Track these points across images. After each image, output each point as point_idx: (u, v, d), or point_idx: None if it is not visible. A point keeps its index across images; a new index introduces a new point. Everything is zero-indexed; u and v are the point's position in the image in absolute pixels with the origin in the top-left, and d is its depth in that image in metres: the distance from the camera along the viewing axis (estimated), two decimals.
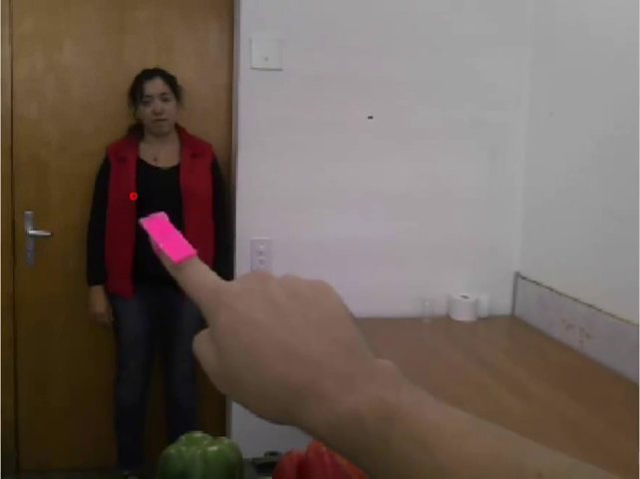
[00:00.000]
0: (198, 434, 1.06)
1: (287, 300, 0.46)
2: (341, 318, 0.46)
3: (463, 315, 3.17)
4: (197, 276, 0.50)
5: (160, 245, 0.52)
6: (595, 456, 1.76)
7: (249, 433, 3.03)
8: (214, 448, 1.02)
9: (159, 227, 0.54)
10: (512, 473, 0.37)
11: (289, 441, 1.71)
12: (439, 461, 0.38)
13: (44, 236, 3.19)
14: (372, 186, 3.16)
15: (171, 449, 1.04)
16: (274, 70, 3.03)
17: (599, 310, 2.67)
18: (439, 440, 0.39)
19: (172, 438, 1.10)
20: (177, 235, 0.53)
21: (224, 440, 1.05)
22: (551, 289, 3.00)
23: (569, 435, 1.97)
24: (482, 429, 0.40)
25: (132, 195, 2.92)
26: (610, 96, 2.67)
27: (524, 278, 3.25)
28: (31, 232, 3.19)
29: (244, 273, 0.49)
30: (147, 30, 3.20)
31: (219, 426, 3.37)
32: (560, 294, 2.93)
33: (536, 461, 0.37)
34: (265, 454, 1.36)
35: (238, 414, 3.22)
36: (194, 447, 1.02)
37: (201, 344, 0.48)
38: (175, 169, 3.01)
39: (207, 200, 3.01)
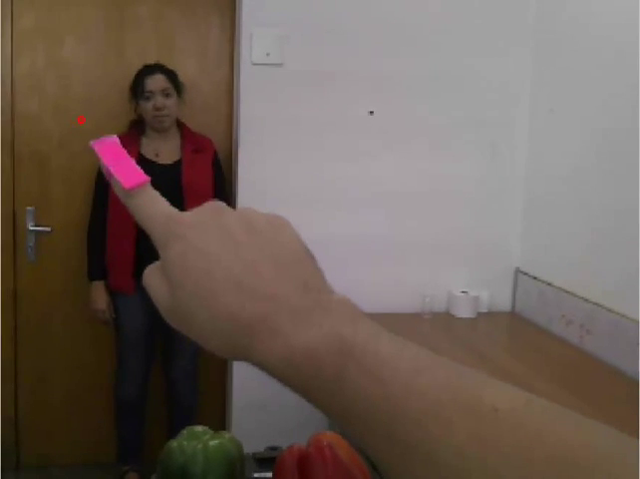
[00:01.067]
0: (200, 428, 1.07)
1: (243, 233, 0.44)
2: (297, 253, 0.45)
3: (463, 311, 3.17)
4: (149, 205, 0.48)
5: (111, 170, 0.48)
6: None
7: (249, 428, 3.05)
8: (216, 442, 1.02)
9: (110, 150, 0.50)
10: (468, 407, 0.36)
11: (289, 436, 1.72)
12: (393, 395, 0.37)
13: (45, 231, 3.20)
14: (373, 182, 3.16)
15: (173, 443, 1.04)
16: (275, 65, 3.03)
17: (599, 306, 2.67)
18: (394, 374, 0.38)
19: (173, 434, 1.11)
20: (130, 160, 0.50)
21: (225, 434, 1.05)
22: (551, 285, 3.00)
23: None
24: (439, 364, 0.39)
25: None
26: (610, 92, 2.67)
27: (524, 274, 3.25)
28: (32, 227, 3.19)
29: (200, 205, 0.47)
30: (147, 26, 3.20)
31: (219, 421, 3.38)
32: (560, 290, 2.93)
33: (493, 396, 0.37)
34: (265, 449, 1.37)
35: (238, 409, 3.23)
36: (196, 441, 1.03)
37: (152, 277, 0.46)
38: (177, 164, 3.01)
39: (209, 195, 3.02)
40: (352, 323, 0.40)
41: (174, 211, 0.47)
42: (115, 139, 0.51)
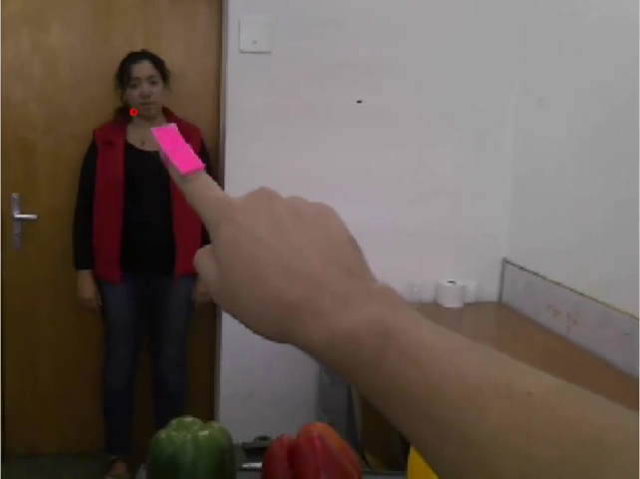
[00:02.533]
0: (189, 419, 1.06)
1: (290, 219, 0.46)
2: (342, 241, 0.47)
3: (450, 301, 3.18)
4: (203, 189, 0.50)
5: (169, 155, 0.51)
6: None
7: (236, 418, 3.05)
8: (205, 433, 1.01)
9: (169, 137, 0.53)
10: (503, 391, 0.37)
11: (276, 426, 1.72)
12: (430, 378, 0.38)
13: (30, 219, 3.17)
14: (360, 172, 3.15)
15: (162, 434, 1.03)
16: (263, 53, 3.01)
17: (586, 297, 2.68)
18: (432, 358, 0.39)
19: (160, 423, 1.10)
20: (187, 147, 0.52)
21: (215, 425, 1.05)
22: (539, 276, 3.02)
23: None
24: (475, 350, 0.40)
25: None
26: (598, 83, 2.67)
27: (512, 265, 3.26)
28: (17, 215, 3.17)
29: (251, 190, 0.49)
30: (134, 12, 3.17)
31: (207, 411, 3.38)
32: (547, 281, 2.95)
33: (527, 381, 0.38)
34: (255, 439, 1.37)
35: (225, 400, 3.23)
36: (185, 431, 1.02)
37: (203, 258, 0.48)
38: None
39: None
40: (392, 309, 0.42)
41: (227, 195, 0.49)
42: (174, 126, 0.54)
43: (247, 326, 0.45)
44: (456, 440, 0.37)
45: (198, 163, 0.51)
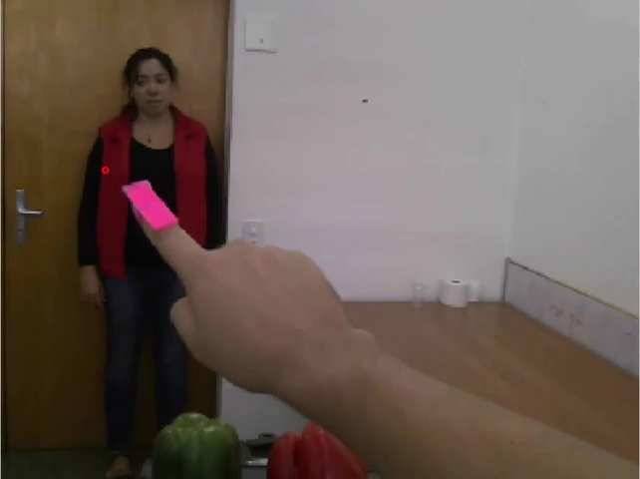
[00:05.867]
0: (195, 415, 1.07)
1: (266, 270, 0.45)
2: (319, 289, 0.46)
3: (453, 300, 3.18)
4: (178, 244, 0.49)
5: (142, 212, 0.51)
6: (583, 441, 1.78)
7: (239, 415, 3.04)
8: (211, 429, 1.02)
9: (141, 194, 0.53)
10: (485, 440, 0.37)
11: (279, 423, 1.72)
12: (412, 428, 0.38)
13: (35, 214, 3.18)
14: (365, 170, 3.15)
15: (168, 430, 1.04)
16: (269, 52, 3.01)
17: (589, 297, 2.68)
18: (412, 407, 0.39)
19: (162, 420, 1.11)
20: (160, 203, 0.52)
21: (221, 421, 1.05)
22: (542, 275, 3.02)
23: (558, 421, 1.99)
24: (457, 397, 0.40)
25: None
26: (602, 84, 2.67)
27: (515, 264, 3.26)
28: (22, 210, 3.17)
29: (227, 244, 0.49)
30: (141, 9, 3.17)
31: (209, 408, 3.39)
32: (551, 281, 2.95)
33: (509, 428, 0.37)
34: (259, 436, 1.37)
35: (228, 396, 3.23)
36: (191, 428, 1.03)
37: (179, 312, 0.48)
38: (169, 150, 3.00)
39: (201, 181, 3.01)
40: (372, 357, 0.42)
41: (201, 249, 0.49)
42: (146, 184, 0.54)
43: (226, 378, 0.45)
44: None
45: (172, 218, 0.51)
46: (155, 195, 0.53)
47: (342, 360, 0.41)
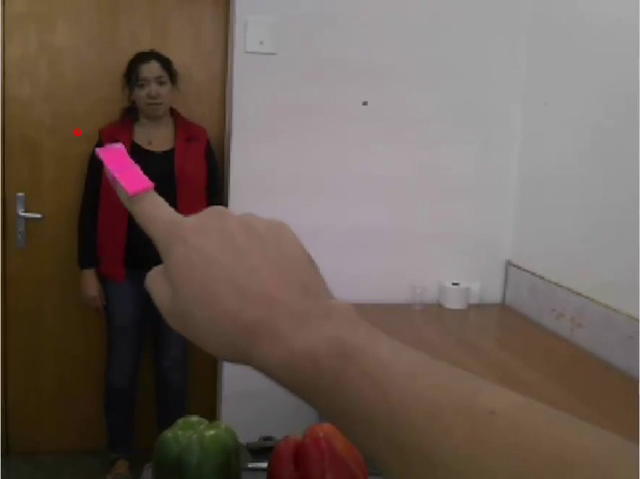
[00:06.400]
0: (195, 418, 1.06)
1: (244, 237, 0.44)
2: (298, 258, 0.45)
3: (453, 303, 3.18)
4: (153, 209, 0.48)
5: (116, 176, 0.49)
6: None
7: (239, 418, 3.04)
8: (211, 432, 1.02)
9: (115, 157, 0.51)
10: (464, 410, 0.36)
11: (279, 426, 1.72)
12: (391, 399, 0.38)
13: (35, 218, 3.18)
14: (365, 172, 3.16)
15: (168, 433, 1.03)
16: (269, 54, 3.02)
17: (590, 300, 2.68)
18: (391, 378, 0.38)
19: (162, 422, 1.11)
20: (135, 167, 0.51)
21: (221, 424, 1.05)
22: (542, 278, 3.02)
23: None
24: (437, 368, 0.39)
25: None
26: (604, 86, 2.67)
27: (516, 267, 3.26)
28: (22, 213, 3.17)
29: (203, 211, 0.48)
30: (141, 12, 3.17)
31: (210, 411, 3.38)
32: (551, 283, 2.95)
33: (489, 399, 0.37)
34: (259, 439, 1.37)
35: (228, 399, 3.23)
36: (191, 431, 1.02)
37: (154, 280, 0.46)
38: (170, 152, 3.00)
39: (201, 184, 3.01)
40: (351, 328, 0.41)
41: (177, 215, 0.48)
42: (120, 146, 0.52)
43: (203, 347, 0.44)
44: (419, 462, 0.37)
45: (147, 183, 0.49)
46: (130, 159, 0.51)
47: (321, 330, 0.40)
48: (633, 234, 2.44)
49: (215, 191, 3.07)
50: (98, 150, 0.52)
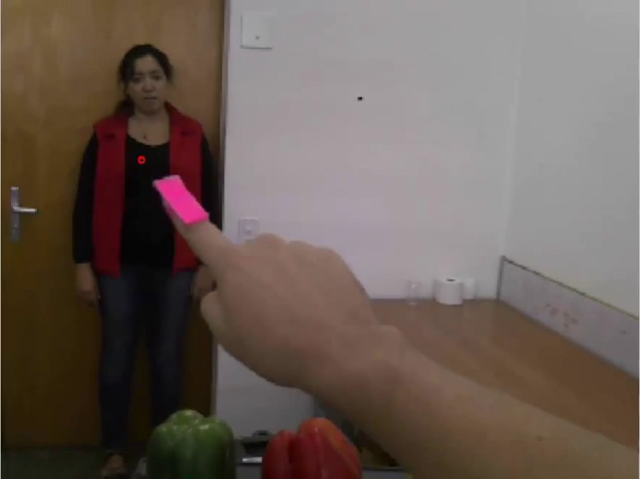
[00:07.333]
0: (189, 413, 1.06)
1: (295, 266, 0.46)
2: (348, 285, 0.47)
3: (448, 298, 3.19)
4: (208, 238, 0.51)
5: (173, 206, 0.52)
6: None
7: (234, 413, 3.05)
8: (206, 427, 1.01)
9: (172, 188, 0.54)
10: (512, 435, 0.37)
11: (274, 421, 1.73)
12: (439, 424, 0.39)
13: (30, 212, 3.17)
14: (360, 168, 3.15)
15: (162, 428, 1.03)
16: (265, 49, 3.01)
17: (584, 295, 2.69)
18: (440, 403, 0.39)
19: (157, 417, 1.10)
20: (190, 198, 0.53)
21: (216, 419, 1.05)
22: (537, 274, 3.02)
23: None
24: (484, 394, 0.40)
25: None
26: (599, 82, 2.67)
27: (510, 262, 3.26)
28: (16, 208, 3.16)
29: (255, 237, 0.50)
30: (136, 6, 3.16)
31: (204, 406, 3.38)
32: (546, 279, 2.95)
33: (537, 424, 0.38)
34: (254, 434, 1.37)
35: (223, 394, 3.23)
36: (186, 426, 1.02)
37: (209, 304, 0.48)
38: (165, 146, 2.99)
39: (196, 178, 3.00)
40: (400, 353, 0.42)
41: (231, 244, 0.50)
42: (177, 178, 0.55)
43: (254, 370, 0.46)
44: None
45: (202, 213, 0.52)
46: (185, 189, 0.54)
47: (370, 355, 0.42)
48: (628, 229, 2.45)
49: (210, 185, 3.07)
50: (156, 181, 0.54)
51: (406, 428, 0.40)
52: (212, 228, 0.52)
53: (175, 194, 0.54)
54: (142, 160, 2.92)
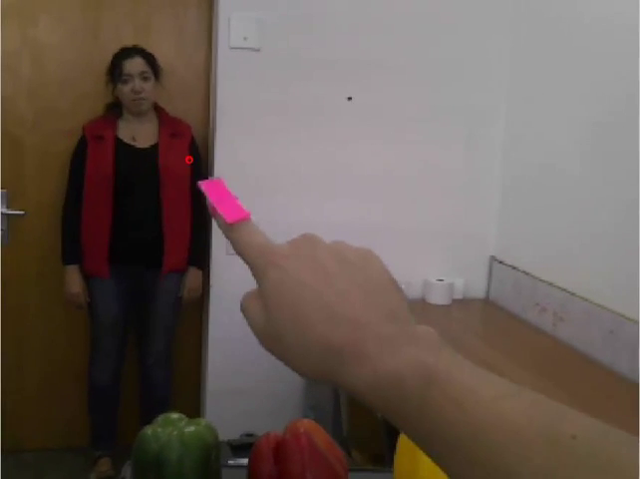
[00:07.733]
0: (175, 415, 1.06)
1: (334, 265, 0.47)
2: (385, 284, 0.48)
3: (438, 298, 3.19)
4: (249, 236, 0.52)
5: (216, 206, 0.53)
6: None
7: (223, 415, 3.05)
8: (191, 429, 1.01)
9: (216, 189, 0.55)
10: (546, 433, 0.38)
11: (262, 423, 1.72)
12: (475, 422, 0.39)
13: (18, 214, 3.15)
14: (349, 169, 3.16)
15: (147, 430, 1.03)
16: (253, 50, 3.01)
17: (573, 295, 2.70)
18: (475, 402, 0.40)
19: (146, 420, 1.10)
20: (233, 198, 0.55)
21: (201, 421, 1.04)
22: (526, 273, 3.03)
23: None
24: (518, 393, 0.41)
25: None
26: (588, 82, 2.68)
27: (499, 262, 3.27)
28: (4, 210, 3.15)
29: (295, 237, 0.51)
30: (124, 7, 3.15)
31: (193, 408, 3.38)
32: (534, 278, 2.96)
33: (571, 423, 0.38)
34: (241, 435, 1.37)
35: (212, 397, 3.22)
36: (171, 428, 1.02)
37: (249, 301, 0.49)
38: (154, 148, 2.99)
39: (185, 180, 2.99)
40: (435, 352, 0.43)
41: (271, 242, 0.51)
42: (221, 179, 0.57)
43: (291, 366, 0.47)
44: None
45: (244, 212, 0.54)
46: (228, 189, 0.55)
47: (406, 354, 0.42)
48: (616, 229, 2.46)
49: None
50: (200, 182, 0.55)
51: (440, 426, 0.40)
52: (254, 226, 0.53)
53: (218, 194, 0.55)
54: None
